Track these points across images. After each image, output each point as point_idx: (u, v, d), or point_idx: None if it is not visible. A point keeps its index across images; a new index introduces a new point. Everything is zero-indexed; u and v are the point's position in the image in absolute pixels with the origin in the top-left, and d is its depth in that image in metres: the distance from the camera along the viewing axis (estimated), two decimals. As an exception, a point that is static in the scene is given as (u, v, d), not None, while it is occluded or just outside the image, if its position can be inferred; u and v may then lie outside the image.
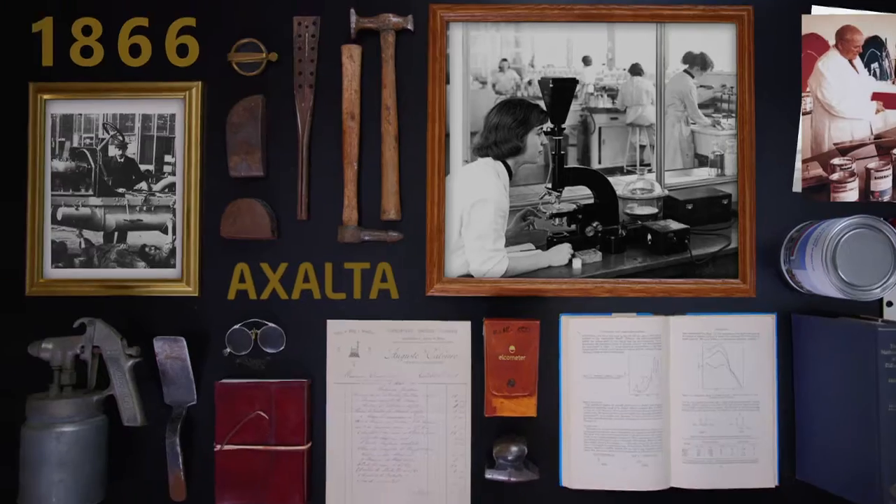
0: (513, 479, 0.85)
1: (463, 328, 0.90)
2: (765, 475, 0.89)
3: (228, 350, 0.90)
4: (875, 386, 0.78)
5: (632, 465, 0.88)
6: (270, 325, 0.90)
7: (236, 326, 0.90)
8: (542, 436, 0.90)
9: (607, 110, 0.90)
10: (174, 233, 0.90)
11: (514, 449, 0.86)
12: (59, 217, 0.90)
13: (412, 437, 0.91)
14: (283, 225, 0.91)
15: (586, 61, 0.90)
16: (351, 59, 0.90)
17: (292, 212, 0.91)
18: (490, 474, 0.86)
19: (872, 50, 0.90)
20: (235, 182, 0.90)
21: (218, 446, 0.87)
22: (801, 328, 0.89)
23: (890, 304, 0.91)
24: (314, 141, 0.91)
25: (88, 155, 0.90)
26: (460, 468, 0.90)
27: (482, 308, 0.90)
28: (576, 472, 0.89)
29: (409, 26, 0.90)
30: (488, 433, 0.90)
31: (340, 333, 0.91)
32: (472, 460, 0.90)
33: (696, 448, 0.89)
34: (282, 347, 0.90)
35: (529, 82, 0.90)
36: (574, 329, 0.89)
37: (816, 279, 0.83)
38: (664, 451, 0.88)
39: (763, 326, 0.89)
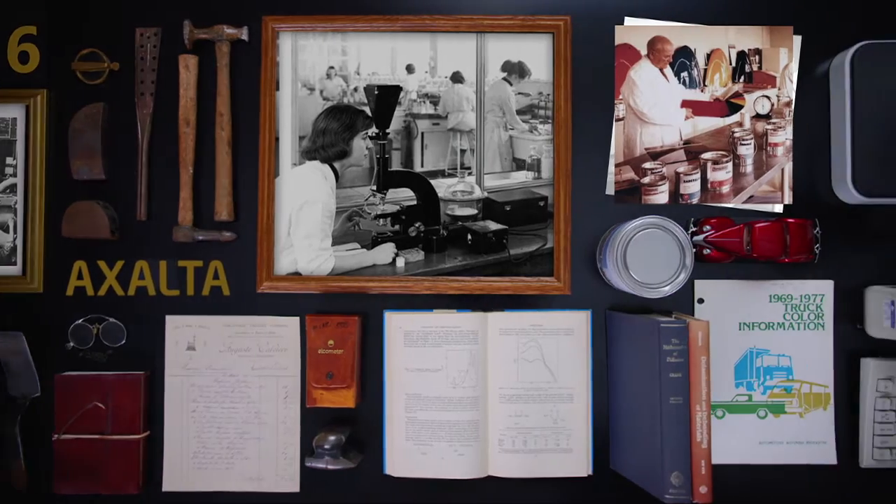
0: (330, 466, 0.90)
1: (292, 323, 0.95)
2: (578, 464, 0.93)
3: (71, 344, 0.95)
4: (658, 379, 0.82)
5: (449, 454, 0.93)
6: (111, 320, 0.95)
7: (78, 321, 0.95)
8: (368, 426, 0.95)
9: (429, 116, 0.95)
10: (15, 231, 0.95)
11: (331, 438, 0.90)
12: (-89, 217, 0.95)
13: (245, 426, 0.95)
14: (123, 225, 0.96)
15: (410, 69, 0.94)
16: (187, 68, 0.94)
17: (132, 213, 0.95)
18: (309, 462, 0.91)
19: (682, 59, 0.95)
20: (78, 185, 0.95)
21: (56, 436, 0.92)
22: (611, 324, 0.94)
23: (701, 300, 0.95)
24: (154, 146, 0.96)
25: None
26: (290, 456, 0.95)
27: (312, 304, 0.95)
28: (398, 460, 0.94)
29: (244, 37, 0.95)
30: (319, 423, 0.95)
31: (178, 328, 0.96)
32: (301, 449, 0.95)
33: (511, 438, 0.93)
34: (123, 342, 0.95)
35: (355, 89, 0.94)
36: (396, 324, 0.94)
37: (613, 277, 0.87)
38: (481, 442, 0.93)
39: (577, 322, 0.94)
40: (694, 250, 0.93)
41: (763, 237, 0.90)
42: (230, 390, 0.95)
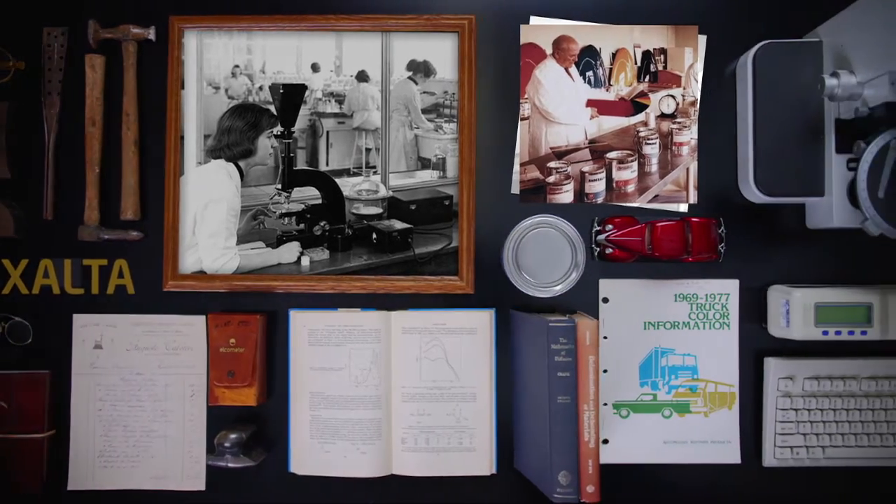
0: (230, 465, 0.90)
1: (199, 322, 0.95)
2: (481, 463, 0.93)
3: (-22, 342, 0.95)
4: (547, 378, 0.82)
5: (352, 452, 0.93)
6: (17, 318, 0.95)
7: (-16, 320, 0.95)
8: (274, 424, 0.95)
9: (335, 115, 0.95)
10: (-81, 230, 0.95)
11: (232, 437, 0.90)
12: None
13: (151, 424, 0.95)
14: (30, 224, 0.96)
15: (315, 68, 0.94)
16: (93, 68, 0.94)
17: (39, 212, 0.95)
18: (210, 461, 0.91)
19: (587, 59, 0.95)
20: (-16, 183, 0.96)
21: (-41, 433, 0.93)
22: (513, 323, 0.94)
23: (606, 300, 0.95)
24: (61, 145, 0.96)
25: None
26: (196, 454, 0.95)
27: (220, 303, 0.95)
28: (302, 458, 0.94)
29: (151, 37, 0.95)
30: (226, 421, 0.94)
31: (86, 326, 0.96)
32: (207, 447, 0.95)
33: (414, 437, 0.93)
34: (29, 340, 0.95)
35: (261, 88, 0.94)
36: (301, 323, 0.94)
37: (509, 277, 0.87)
38: (384, 440, 0.93)
39: (480, 322, 0.94)
40: (597, 249, 0.93)
41: (664, 236, 0.90)
42: (137, 389, 0.95)
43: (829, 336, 0.85)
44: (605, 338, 0.94)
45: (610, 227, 0.92)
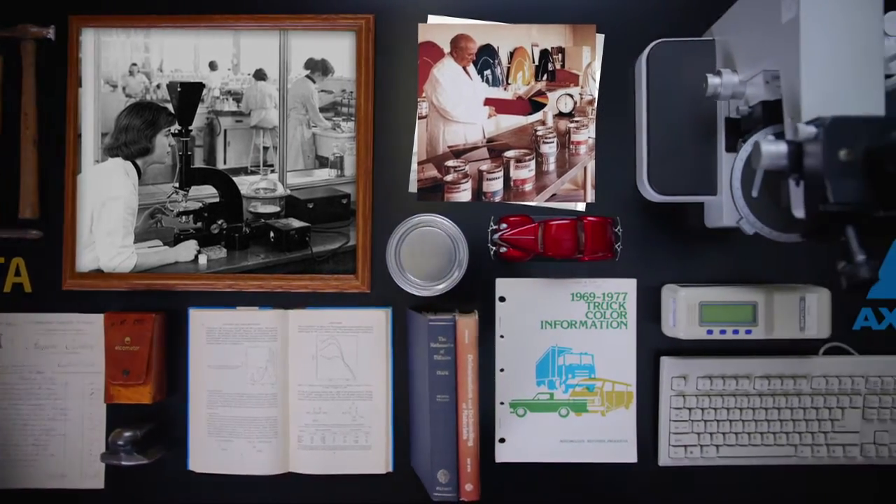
0: (124, 462, 0.90)
1: (99, 320, 0.95)
2: (377, 462, 0.94)
3: None
4: (427, 377, 0.82)
5: (248, 450, 0.93)
6: (-83, 316, 0.95)
7: None
8: (175, 422, 0.95)
9: (232, 113, 0.95)
10: None
11: (126, 435, 0.90)
12: None
13: (51, 423, 0.95)
14: (-71, 222, 0.96)
15: (213, 66, 0.94)
16: (-9, 65, 0.95)
17: (-61, 210, 0.96)
18: (105, 459, 0.91)
19: (485, 58, 0.95)
20: None
21: None
22: (407, 322, 0.94)
23: (503, 299, 0.95)
24: (-39, 143, 0.97)
25: None
26: (95, 453, 0.95)
27: (122, 301, 0.95)
28: (200, 456, 0.94)
29: (51, 36, 0.95)
30: (128, 420, 0.95)
31: (-14, 325, 0.96)
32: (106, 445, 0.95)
33: (310, 435, 0.93)
34: (-70, 338, 0.96)
35: (158, 86, 0.94)
36: (199, 321, 0.94)
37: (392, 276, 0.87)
38: (280, 438, 0.93)
39: (376, 320, 0.94)
40: (493, 248, 0.93)
41: (556, 235, 0.90)
42: (37, 387, 0.96)
43: (714, 335, 0.85)
44: (502, 337, 0.94)
45: (504, 226, 0.92)
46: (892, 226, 0.59)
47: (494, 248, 0.93)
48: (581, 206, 0.95)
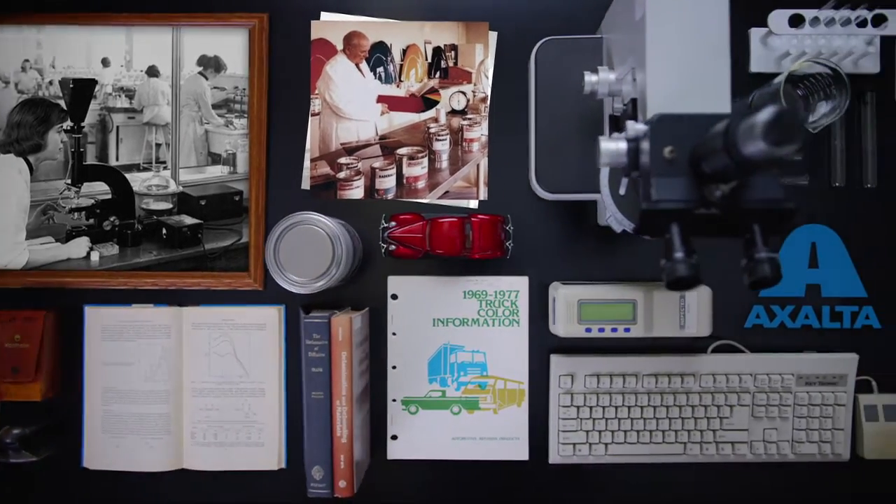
0: (12, 460, 0.90)
1: (-7, 317, 0.95)
2: (270, 458, 0.94)
3: None
4: (302, 374, 0.82)
5: (140, 447, 0.93)
6: None
7: None
8: (71, 419, 0.95)
9: (125, 110, 0.94)
10: None
11: (14, 432, 0.91)
12: None
13: (-54, 419, 0.96)
14: None
15: (105, 63, 0.94)
16: None
17: None
18: (-8, 456, 0.91)
19: (378, 55, 0.94)
20: None
21: None
22: (299, 319, 0.94)
23: (395, 296, 0.95)
24: None
25: None
26: (-11, 449, 0.96)
27: (11, 299, 0.95)
28: (94, 453, 0.94)
29: (-55, 30, 0.95)
30: (20, 418, 0.95)
31: None
32: None
33: (203, 432, 0.94)
34: None
35: (51, 82, 0.94)
36: (94, 319, 0.94)
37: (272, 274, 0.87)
38: (173, 435, 0.93)
39: (269, 318, 0.94)
40: (384, 246, 0.93)
41: (443, 233, 0.90)
42: (-69, 383, 0.96)
43: (593, 333, 0.85)
44: (394, 334, 0.94)
45: (393, 223, 0.92)
46: (715, 224, 0.59)
47: (385, 245, 0.93)
48: (474, 204, 0.95)
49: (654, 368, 0.90)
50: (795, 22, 0.90)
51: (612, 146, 0.63)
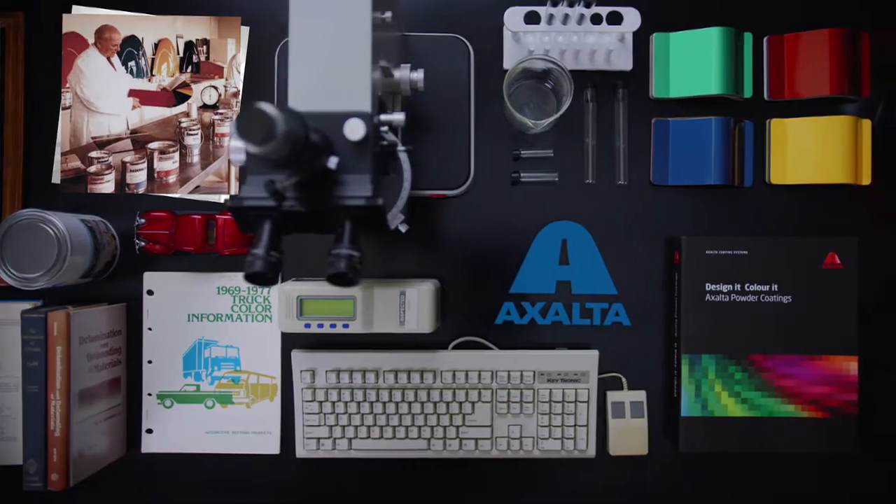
0: None
1: None
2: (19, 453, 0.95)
3: None
4: (21, 368, 0.83)
5: None
6: None
7: None
8: None
9: None
10: None
11: None
12: None
13: None
14: None
15: None
16: None
17: None
18: None
19: (130, 49, 0.94)
20: None
21: None
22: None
23: (150, 292, 0.95)
24: None
25: None
26: None
27: None
28: None
29: None
30: None
31: None
32: None
33: None
34: None
35: None
36: None
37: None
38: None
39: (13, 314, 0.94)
40: (138, 242, 0.93)
41: (186, 230, 0.90)
42: None
43: (312, 329, 0.85)
44: (150, 329, 0.95)
45: (142, 220, 0.92)
46: (312, 221, 0.59)
47: (138, 242, 0.93)
48: (225, 199, 0.95)
49: (394, 364, 0.91)
50: (533, 19, 0.90)
51: (234, 144, 0.63)
